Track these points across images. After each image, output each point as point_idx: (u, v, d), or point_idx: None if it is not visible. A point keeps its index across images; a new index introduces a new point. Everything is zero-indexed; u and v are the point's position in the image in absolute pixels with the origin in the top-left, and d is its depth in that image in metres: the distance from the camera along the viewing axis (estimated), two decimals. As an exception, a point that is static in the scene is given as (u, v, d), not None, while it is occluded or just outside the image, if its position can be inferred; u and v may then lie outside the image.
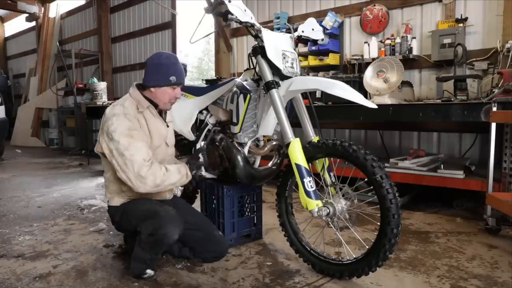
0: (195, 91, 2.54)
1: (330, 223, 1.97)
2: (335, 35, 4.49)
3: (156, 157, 2.08)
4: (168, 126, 2.20)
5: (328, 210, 1.86)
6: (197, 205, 2.68)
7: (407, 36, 3.90)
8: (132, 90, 2.07)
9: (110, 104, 2.15)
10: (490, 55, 3.55)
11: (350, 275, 1.89)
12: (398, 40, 3.94)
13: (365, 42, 4.20)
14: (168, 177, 1.93)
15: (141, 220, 1.95)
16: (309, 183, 1.85)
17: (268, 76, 2.01)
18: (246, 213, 2.49)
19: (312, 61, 4.51)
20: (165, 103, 2.07)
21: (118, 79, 8.12)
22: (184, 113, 2.53)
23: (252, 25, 2.04)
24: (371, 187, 1.77)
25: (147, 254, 1.94)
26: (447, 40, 3.60)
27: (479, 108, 2.79)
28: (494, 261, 2.17)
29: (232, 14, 1.97)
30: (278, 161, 2.31)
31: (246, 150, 2.22)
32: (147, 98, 2.05)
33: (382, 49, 4.05)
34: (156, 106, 2.09)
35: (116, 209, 2.11)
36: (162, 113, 2.17)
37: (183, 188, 2.82)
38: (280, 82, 2.03)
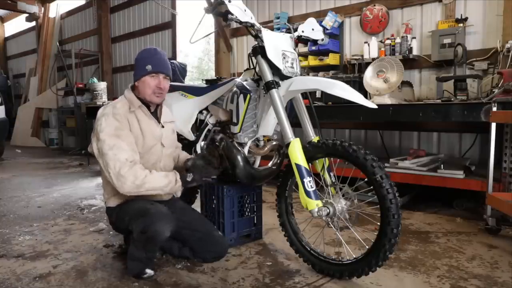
0: (195, 91, 2.54)
1: (330, 223, 1.97)
2: (335, 35, 4.49)
3: (151, 157, 2.08)
4: (163, 126, 2.17)
5: (328, 210, 1.86)
6: (197, 205, 2.68)
7: (407, 36, 3.90)
8: (126, 91, 2.12)
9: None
10: (490, 55, 3.55)
11: (350, 275, 1.89)
12: (398, 40, 3.94)
13: (365, 42, 4.20)
14: (150, 180, 1.88)
15: (133, 218, 1.95)
16: (309, 183, 1.85)
17: (268, 76, 2.01)
18: (246, 213, 2.49)
19: (312, 61, 4.51)
20: (149, 95, 2.05)
21: (118, 79, 8.12)
22: (184, 113, 2.53)
23: (252, 25, 2.04)
24: (371, 187, 1.77)
25: (142, 252, 1.94)
26: (447, 40, 3.60)
27: (479, 108, 2.79)
28: (494, 261, 2.17)
29: (232, 14, 1.97)
30: (278, 161, 2.31)
31: (246, 150, 2.21)
32: (139, 98, 2.08)
33: (382, 49, 4.05)
34: (148, 106, 2.10)
35: (112, 210, 2.12)
36: (157, 114, 2.16)
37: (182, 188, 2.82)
38: (280, 82, 2.03)
